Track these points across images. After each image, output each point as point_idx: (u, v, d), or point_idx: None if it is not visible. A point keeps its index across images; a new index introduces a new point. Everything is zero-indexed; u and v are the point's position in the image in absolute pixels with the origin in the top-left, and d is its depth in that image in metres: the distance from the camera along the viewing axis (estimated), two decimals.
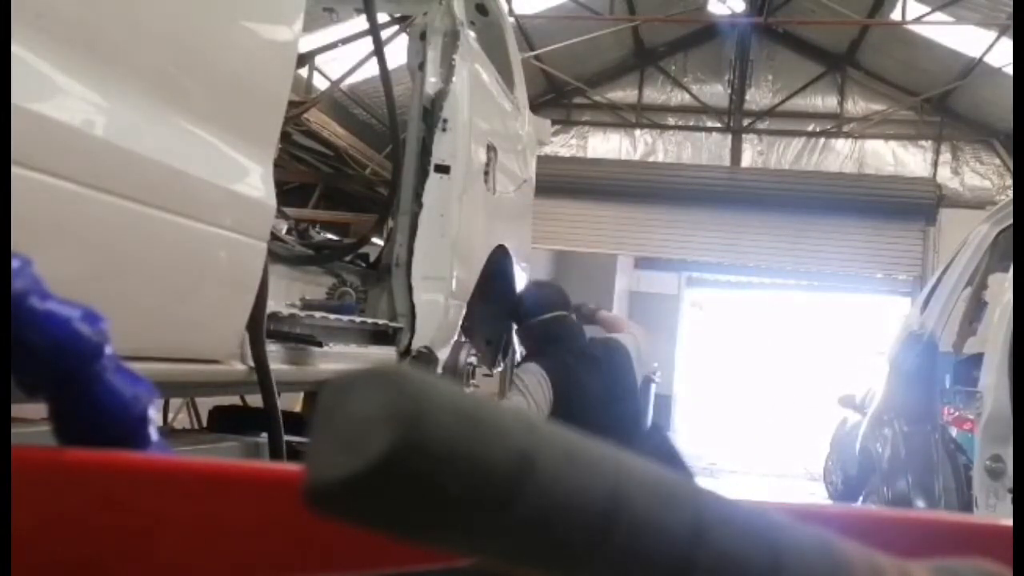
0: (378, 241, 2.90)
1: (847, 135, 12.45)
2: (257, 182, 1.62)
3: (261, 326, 1.70)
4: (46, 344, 0.56)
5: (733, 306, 17.94)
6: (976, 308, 4.45)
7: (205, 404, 2.62)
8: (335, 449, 0.33)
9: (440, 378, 0.35)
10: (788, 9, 11.32)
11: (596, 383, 3.09)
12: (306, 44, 3.72)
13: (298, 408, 3.06)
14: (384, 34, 2.77)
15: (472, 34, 3.06)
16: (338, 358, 2.19)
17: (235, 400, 2.45)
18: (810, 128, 12.61)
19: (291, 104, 2.75)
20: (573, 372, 3.08)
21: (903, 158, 12.28)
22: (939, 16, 9.77)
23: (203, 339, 1.60)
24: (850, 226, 11.50)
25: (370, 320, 2.53)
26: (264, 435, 1.93)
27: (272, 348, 1.81)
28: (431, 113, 2.77)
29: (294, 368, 2.01)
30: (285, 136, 3.43)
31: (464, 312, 3.05)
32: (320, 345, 2.06)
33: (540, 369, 3.06)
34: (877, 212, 11.43)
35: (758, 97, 12.66)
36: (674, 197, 11.78)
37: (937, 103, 11.90)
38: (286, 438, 1.86)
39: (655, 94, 13.01)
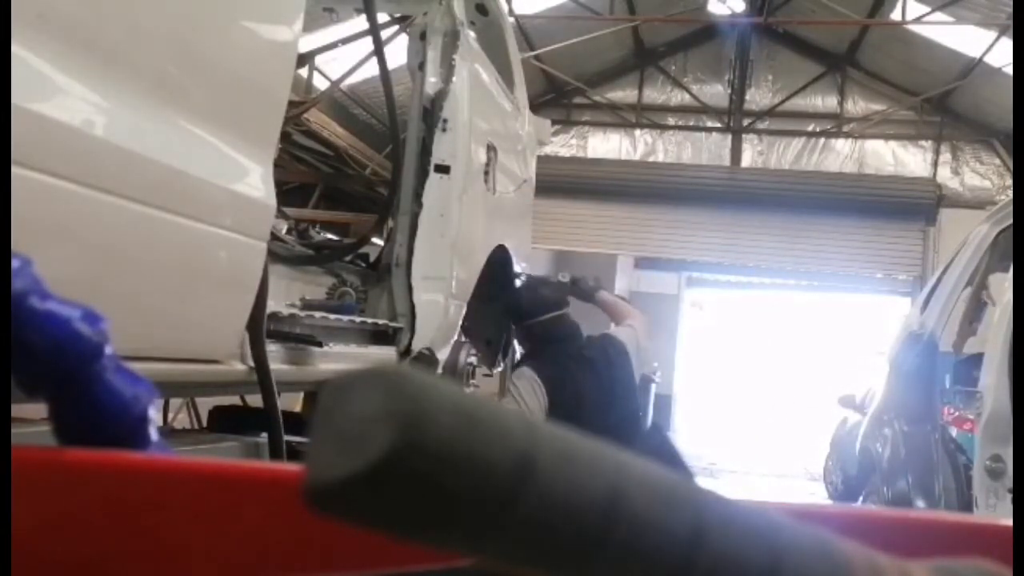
0: (378, 241, 2.90)
1: (847, 135, 12.45)
2: (257, 182, 1.62)
3: (261, 326, 1.70)
4: (46, 344, 0.56)
5: (733, 306, 17.93)
6: (976, 308, 4.46)
7: (205, 404, 2.62)
8: (335, 449, 0.33)
9: (440, 378, 0.35)
10: (788, 9, 11.32)
11: (593, 384, 3.08)
12: (306, 44, 3.72)
13: (298, 408, 3.05)
14: (384, 34, 2.77)
15: (472, 34, 3.06)
16: (338, 358, 2.19)
17: (235, 400, 2.45)
18: (810, 128, 12.61)
19: (291, 104, 2.75)
20: (569, 374, 3.07)
21: (903, 158, 12.28)
22: (939, 16, 9.77)
23: (203, 339, 1.60)
24: (850, 226, 11.51)
25: (370, 320, 2.53)
26: (264, 435, 1.93)
27: (272, 348, 1.81)
28: (431, 113, 2.77)
29: (294, 368, 2.01)
30: (285, 136, 3.43)
31: (464, 312, 3.05)
32: (320, 345, 2.06)
33: (533, 374, 3.04)
34: (877, 212, 11.44)
35: (758, 97, 12.66)
36: (674, 197, 11.79)
37: (937, 103, 11.91)
38: (286, 438, 1.86)
39: (655, 94, 13.02)
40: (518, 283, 3.69)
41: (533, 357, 3.24)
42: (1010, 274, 3.45)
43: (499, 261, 3.41)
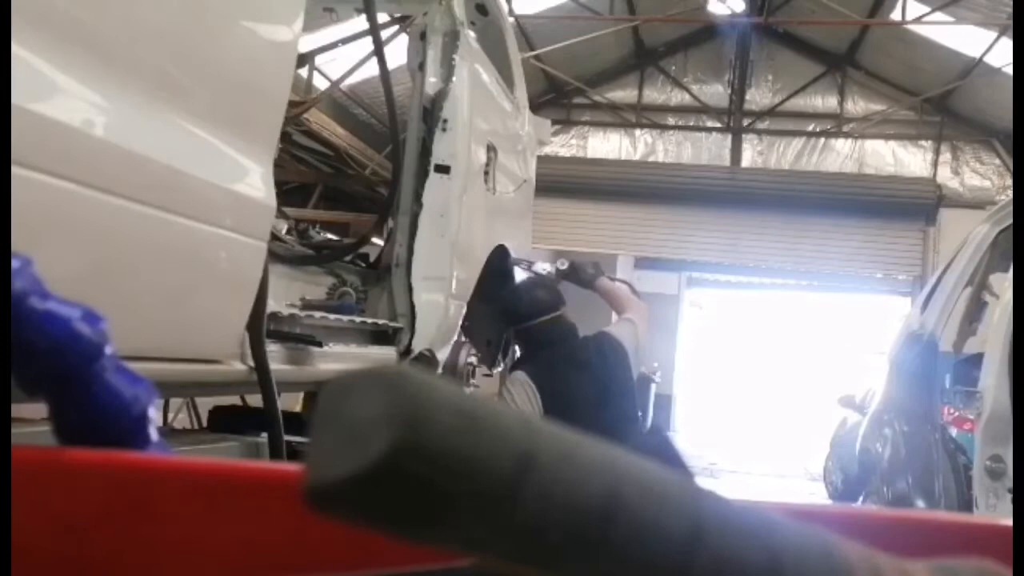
0: (378, 241, 2.90)
1: (847, 135, 12.46)
2: (257, 182, 1.63)
3: (261, 326, 1.70)
4: (46, 344, 0.56)
5: (733, 306, 17.94)
6: (976, 308, 4.45)
7: (205, 404, 2.62)
8: (335, 449, 0.33)
9: (440, 378, 0.35)
10: (788, 9, 11.32)
11: (589, 387, 3.06)
12: (306, 44, 3.72)
13: (298, 408, 3.05)
14: (384, 34, 2.77)
15: (472, 34, 3.06)
16: (338, 358, 2.19)
17: (235, 400, 2.45)
18: (810, 128, 12.62)
19: (291, 104, 2.75)
20: (563, 378, 3.05)
21: (903, 158, 12.28)
22: (939, 16, 9.78)
23: (203, 339, 1.60)
24: (850, 226, 11.52)
25: (370, 320, 2.53)
26: (264, 435, 1.93)
27: (272, 348, 1.81)
28: (431, 113, 2.77)
29: (294, 368, 2.01)
30: (285, 136, 3.43)
31: (464, 312, 3.05)
32: (320, 345, 2.06)
33: (527, 379, 3.02)
34: (877, 212, 11.44)
35: (758, 97, 12.66)
36: (674, 197, 11.79)
37: (937, 103, 11.91)
38: (286, 438, 1.86)
39: (655, 94, 13.02)
40: (516, 280, 3.67)
41: (527, 361, 3.22)
42: (1010, 274, 3.45)
43: (498, 261, 3.41)
